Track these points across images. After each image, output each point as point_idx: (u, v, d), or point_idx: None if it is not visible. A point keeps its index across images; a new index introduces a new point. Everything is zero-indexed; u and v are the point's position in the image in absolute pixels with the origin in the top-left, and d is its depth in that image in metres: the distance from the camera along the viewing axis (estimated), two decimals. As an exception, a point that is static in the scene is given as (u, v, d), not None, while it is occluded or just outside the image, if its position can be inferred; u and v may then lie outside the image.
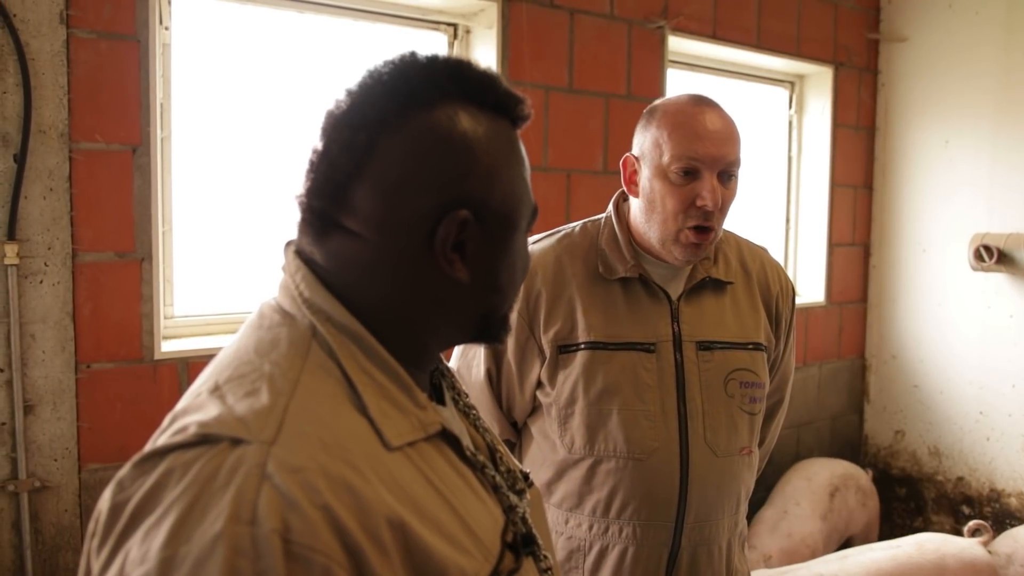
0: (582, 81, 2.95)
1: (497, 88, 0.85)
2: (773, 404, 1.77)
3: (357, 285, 0.81)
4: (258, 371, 0.75)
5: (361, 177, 0.79)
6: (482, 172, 0.82)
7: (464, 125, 0.81)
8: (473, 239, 0.82)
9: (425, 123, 0.80)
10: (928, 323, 3.95)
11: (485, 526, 0.82)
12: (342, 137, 0.80)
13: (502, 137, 0.85)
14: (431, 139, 0.80)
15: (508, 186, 0.84)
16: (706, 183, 1.45)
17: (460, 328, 0.88)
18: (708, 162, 1.45)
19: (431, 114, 0.80)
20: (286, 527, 0.64)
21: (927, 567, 2.84)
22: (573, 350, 1.54)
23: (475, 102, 0.83)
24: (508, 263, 0.87)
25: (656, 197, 1.49)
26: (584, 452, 1.53)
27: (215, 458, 0.67)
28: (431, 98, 0.81)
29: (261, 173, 2.55)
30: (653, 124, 1.51)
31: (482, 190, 0.82)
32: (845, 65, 3.92)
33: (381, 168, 0.79)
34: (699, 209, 1.46)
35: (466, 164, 0.81)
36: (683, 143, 1.46)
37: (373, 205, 0.79)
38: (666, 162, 1.47)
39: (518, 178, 0.86)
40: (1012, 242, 3.49)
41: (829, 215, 3.93)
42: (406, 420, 0.79)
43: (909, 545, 2.97)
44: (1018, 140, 3.60)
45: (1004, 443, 3.71)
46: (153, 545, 0.64)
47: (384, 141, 0.79)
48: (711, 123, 1.47)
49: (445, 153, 0.80)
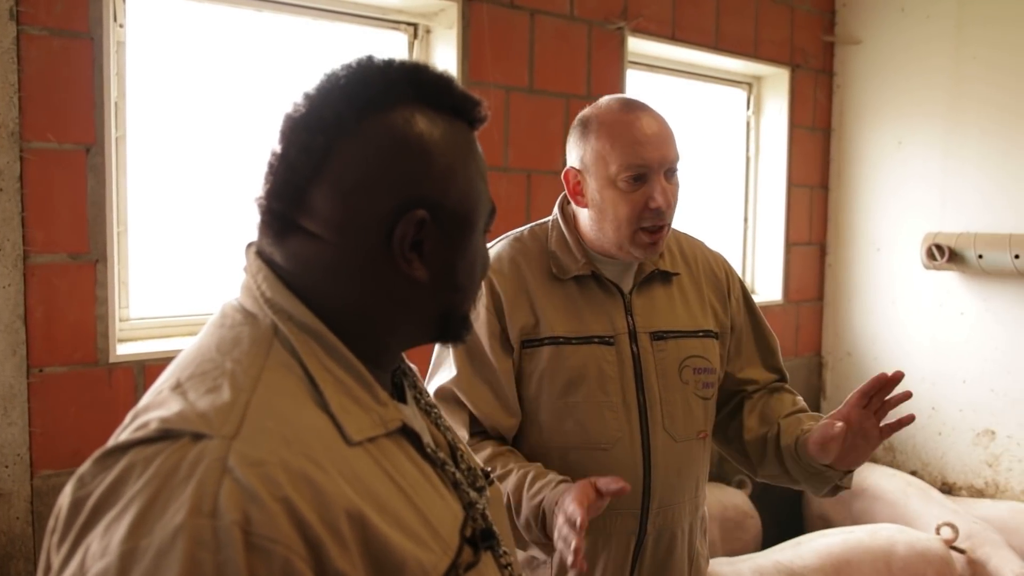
0: (543, 81, 2.96)
1: (453, 91, 0.87)
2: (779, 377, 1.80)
3: (318, 285, 0.82)
4: (220, 368, 0.76)
5: (319, 179, 0.81)
6: (438, 173, 0.83)
7: (420, 127, 0.83)
8: (431, 239, 0.84)
9: (382, 125, 0.82)
10: (882, 321, 4.03)
11: (444, 521, 0.83)
12: (300, 140, 0.82)
13: (459, 138, 0.87)
14: (388, 141, 0.81)
15: (465, 186, 0.86)
16: (655, 185, 1.51)
17: (420, 327, 0.89)
18: (654, 166, 1.51)
19: (388, 117, 0.82)
20: (246, 519, 0.65)
21: (876, 551, 2.94)
22: (537, 345, 1.57)
23: (432, 105, 0.85)
24: (467, 262, 0.88)
25: (607, 206, 1.54)
26: (551, 444, 1.57)
27: (176, 453, 0.69)
28: (387, 101, 0.82)
29: (218, 173, 2.52)
30: (591, 136, 1.55)
31: (439, 190, 0.83)
32: (801, 67, 3.97)
33: (339, 170, 0.80)
34: (652, 211, 1.51)
35: (423, 165, 0.83)
36: (627, 152, 1.50)
37: (332, 207, 0.81)
38: (614, 172, 1.51)
39: (475, 178, 0.88)
40: (962, 241, 3.57)
41: (786, 215, 3.99)
42: (367, 416, 0.80)
43: (863, 531, 3.06)
44: (968, 141, 3.68)
45: (955, 438, 3.80)
46: (114, 538, 0.65)
47: (341, 144, 0.81)
48: (649, 127, 1.52)
49: (401, 155, 0.82)
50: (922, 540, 3.02)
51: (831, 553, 2.90)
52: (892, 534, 3.04)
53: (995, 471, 3.69)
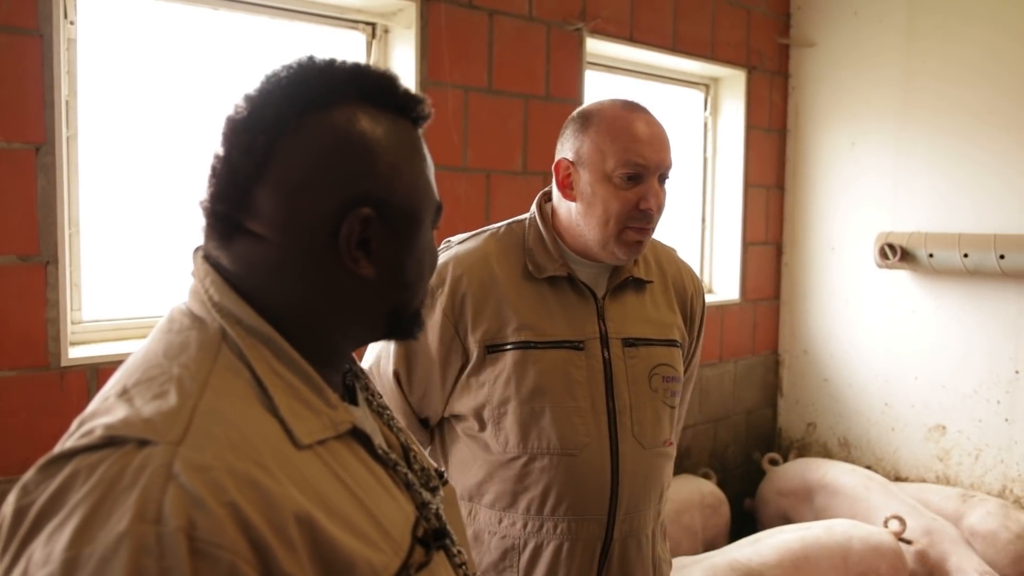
0: (501, 82, 2.96)
1: (395, 89, 0.87)
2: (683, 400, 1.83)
3: (265, 287, 0.82)
4: (167, 374, 0.76)
5: (262, 180, 0.80)
6: (382, 170, 0.83)
7: (363, 125, 0.83)
8: (377, 236, 0.83)
9: (323, 124, 0.82)
10: (837, 319, 4.09)
11: (395, 521, 0.83)
12: (241, 141, 0.81)
13: (402, 136, 0.86)
14: (330, 139, 0.81)
15: (410, 183, 0.86)
16: (650, 187, 1.52)
17: (370, 326, 0.89)
18: (652, 167, 1.51)
19: (329, 115, 0.82)
20: (191, 525, 0.65)
21: (833, 547, 2.98)
22: (502, 349, 1.55)
23: (374, 103, 0.85)
24: (414, 259, 0.88)
25: (598, 201, 1.53)
26: (518, 451, 1.55)
27: (121, 459, 0.68)
28: (329, 100, 0.83)
29: (173, 173, 2.48)
30: (591, 130, 1.54)
31: (384, 188, 0.83)
32: (757, 69, 4.02)
33: (281, 170, 0.80)
34: (642, 212, 1.52)
35: (366, 163, 0.82)
36: (628, 149, 1.50)
37: (275, 207, 0.80)
38: (611, 167, 1.51)
39: (420, 176, 0.88)
40: (913, 241, 3.64)
41: (743, 215, 4.04)
42: (316, 419, 0.80)
43: (819, 528, 3.10)
44: (919, 142, 3.76)
45: (907, 433, 3.88)
46: (57, 546, 0.64)
47: (283, 143, 0.81)
48: (651, 129, 1.54)
49: (344, 153, 0.82)
50: (875, 534, 3.07)
51: (789, 549, 2.93)
52: (847, 529, 3.09)
53: (946, 465, 3.77)
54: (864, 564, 2.96)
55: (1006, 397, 3.58)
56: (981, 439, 3.67)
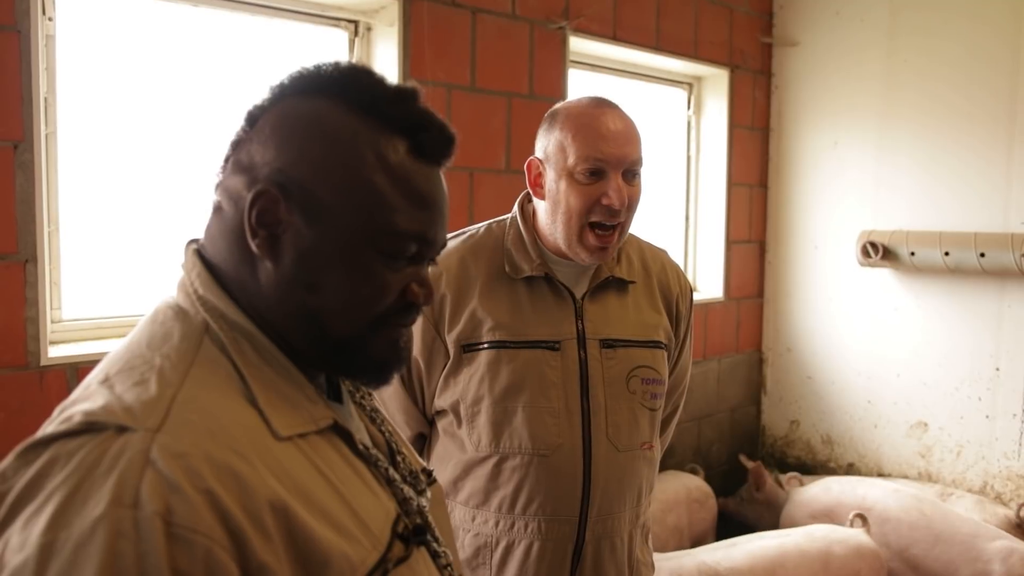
0: (484, 80, 2.96)
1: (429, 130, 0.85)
2: (672, 403, 1.82)
3: (250, 283, 0.82)
4: (148, 363, 0.76)
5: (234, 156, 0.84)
6: (319, 159, 0.81)
7: (324, 112, 0.82)
8: (290, 226, 0.80)
9: (291, 104, 0.83)
10: (820, 317, 4.12)
11: (375, 516, 0.83)
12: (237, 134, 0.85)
13: (371, 140, 0.82)
14: (290, 118, 0.82)
15: (352, 187, 0.81)
16: (611, 182, 1.50)
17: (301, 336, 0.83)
18: (613, 162, 1.50)
19: (302, 99, 0.83)
20: (168, 510, 0.66)
21: (813, 553, 2.94)
22: (477, 348, 1.55)
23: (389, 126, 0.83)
24: (331, 265, 0.81)
25: (561, 197, 1.53)
26: (490, 449, 1.55)
27: (99, 446, 0.68)
28: (310, 88, 0.84)
29: (153, 171, 2.46)
30: (556, 127, 1.54)
31: (313, 177, 0.80)
32: (740, 68, 4.04)
33: (247, 147, 0.83)
34: (605, 208, 1.50)
35: (305, 146, 0.81)
36: (588, 144, 1.50)
37: (232, 178, 0.83)
38: (572, 163, 1.50)
39: (375, 187, 0.81)
40: (895, 239, 3.66)
41: (727, 213, 4.05)
42: (296, 413, 0.80)
43: (799, 534, 3.08)
44: (900, 141, 3.78)
45: (890, 430, 3.90)
46: (33, 531, 0.65)
47: (259, 122, 0.83)
48: (614, 124, 1.52)
49: (292, 132, 0.82)
50: (853, 537, 3.04)
51: (764, 555, 2.87)
52: (826, 534, 3.04)
53: (927, 461, 3.80)
54: (847, 568, 2.93)
55: (987, 394, 3.61)
56: (963, 436, 3.69)
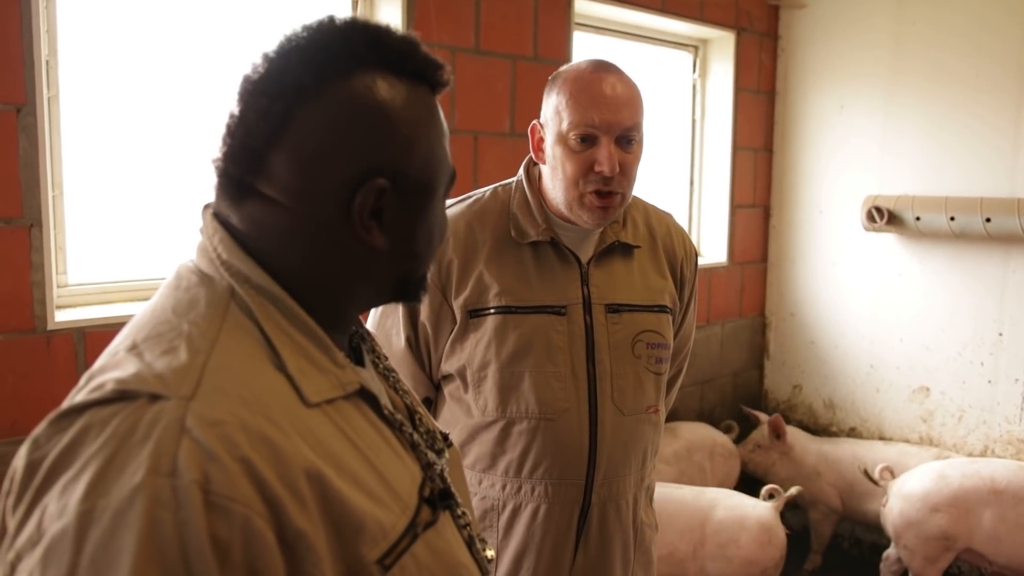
0: (489, 42, 2.93)
1: (416, 55, 0.86)
2: (676, 366, 1.83)
3: (275, 249, 0.82)
4: (176, 330, 0.76)
5: (278, 145, 0.80)
6: (400, 141, 0.83)
7: (382, 94, 0.82)
8: (391, 207, 0.83)
9: (343, 92, 0.81)
10: (824, 282, 4.11)
11: (403, 481, 0.84)
12: (259, 105, 0.80)
13: (420, 105, 0.86)
14: (349, 108, 0.81)
15: (426, 153, 0.86)
16: (602, 149, 1.49)
17: (377, 292, 0.90)
18: (604, 128, 1.48)
19: (348, 83, 0.81)
20: (206, 478, 0.66)
21: (693, 509, 2.89)
22: (484, 314, 1.56)
23: (393, 69, 0.84)
24: (425, 229, 0.88)
25: (558, 163, 1.53)
26: (497, 414, 1.56)
27: (133, 413, 0.68)
28: (349, 66, 0.81)
29: (157, 134, 2.45)
30: (555, 91, 1.54)
31: (400, 158, 0.83)
32: (747, 30, 3.99)
33: (299, 137, 0.80)
34: (597, 174, 1.49)
35: (384, 133, 0.82)
36: (580, 110, 1.49)
37: (291, 173, 0.80)
38: (565, 129, 1.50)
39: (436, 145, 0.87)
40: (901, 204, 3.65)
41: (731, 178, 4.03)
42: (324, 378, 0.81)
43: (691, 490, 3.02)
44: (907, 105, 3.75)
45: (892, 394, 3.92)
46: (71, 499, 0.65)
47: (301, 110, 0.80)
48: (609, 89, 1.50)
49: (363, 122, 0.81)
50: (745, 506, 2.95)
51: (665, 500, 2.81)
52: (718, 497, 2.99)
53: (929, 426, 3.82)
54: (724, 534, 2.84)
55: (989, 359, 3.62)
56: (964, 400, 3.71)
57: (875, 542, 3.82)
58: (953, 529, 3.08)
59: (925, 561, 3.14)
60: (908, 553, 3.19)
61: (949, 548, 3.10)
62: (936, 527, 3.09)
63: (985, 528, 3.04)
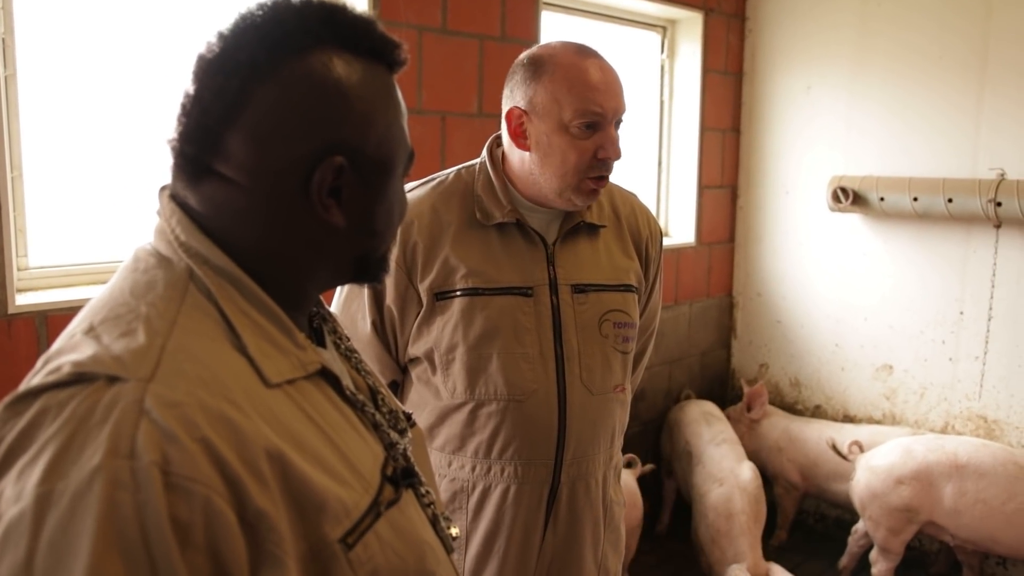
0: (456, 22, 2.91)
1: (372, 33, 0.85)
2: (641, 344, 1.84)
3: (233, 229, 0.82)
4: (134, 312, 0.75)
5: (234, 124, 0.79)
6: (357, 119, 0.83)
7: (338, 72, 0.82)
8: (349, 185, 0.83)
9: (298, 70, 0.80)
10: (790, 262, 4.16)
11: (365, 460, 0.84)
12: (214, 83, 0.80)
13: (377, 83, 0.85)
14: (305, 86, 0.80)
15: (384, 132, 0.86)
16: (608, 135, 1.51)
17: (337, 271, 0.89)
18: (609, 114, 1.50)
19: (304, 61, 0.81)
20: (165, 459, 0.65)
21: None
22: (450, 296, 1.55)
23: (349, 48, 0.84)
24: (385, 207, 0.88)
25: (556, 151, 1.51)
26: (466, 396, 1.57)
27: (91, 396, 0.68)
28: (304, 44, 0.81)
29: (119, 114, 2.41)
30: (545, 78, 1.50)
31: (357, 137, 0.83)
32: (714, 11, 4.00)
33: (254, 116, 0.79)
34: (601, 161, 1.50)
35: (340, 111, 0.82)
36: (584, 98, 1.48)
37: (247, 152, 0.79)
38: (568, 117, 1.48)
39: (394, 124, 0.87)
40: (865, 184, 3.69)
41: (699, 158, 4.05)
42: (285, 359, 0.81)
43: None
44: (872, 86, 3.79)
45: (856, 373, 3.98)
46: (29, 482, 0.65)
47: (257, 89, 0.79)
48: (605, 75, 1.51)
49: (319, 100, 0.81)
50: None
51: None
52: None
53: (892, 403, 3.88)
54: None
55: (951, 337, 3.68)
56: (926, 378, 3.77)
57: (839, 517, 3.89)
58: (916, 502, 3.13)
59: (889, 532, 3.21)
60: (873, 524, 3.26)
61: (912, 520, 3.17)
62: (900, 499, 3.16)
63: (946, 502, 3.10)
